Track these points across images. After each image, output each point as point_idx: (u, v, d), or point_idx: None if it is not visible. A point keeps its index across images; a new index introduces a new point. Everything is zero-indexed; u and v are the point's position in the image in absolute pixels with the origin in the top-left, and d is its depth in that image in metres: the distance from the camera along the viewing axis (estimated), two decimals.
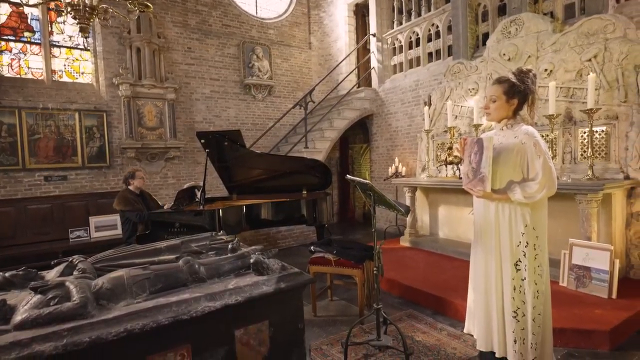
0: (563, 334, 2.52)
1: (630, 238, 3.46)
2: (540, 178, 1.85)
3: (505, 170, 1.97)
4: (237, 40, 7.08)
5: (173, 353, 1.77)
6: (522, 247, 1.93)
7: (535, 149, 1.88)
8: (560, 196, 3.63)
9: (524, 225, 1.93)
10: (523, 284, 1.94)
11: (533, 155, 1.89)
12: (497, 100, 2.00)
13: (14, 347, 1.43)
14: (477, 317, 2.11)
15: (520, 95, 1.99)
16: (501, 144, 1.99)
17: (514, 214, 1.95)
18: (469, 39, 5.29)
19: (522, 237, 1.93)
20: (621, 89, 3.54)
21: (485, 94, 2.09)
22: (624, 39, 3.58)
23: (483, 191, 1.97)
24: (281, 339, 2.10)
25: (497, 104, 2.00)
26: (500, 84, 2.01)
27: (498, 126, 2.09)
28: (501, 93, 1.99)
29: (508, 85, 1.98)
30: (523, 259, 1.93)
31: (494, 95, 2.01)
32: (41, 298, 1.67)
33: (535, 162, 1.88)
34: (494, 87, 2.02)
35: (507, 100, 1.99)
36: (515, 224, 1.95)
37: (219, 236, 2.76)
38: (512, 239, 1.96)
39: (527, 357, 1.93)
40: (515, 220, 1.95)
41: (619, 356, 2.38)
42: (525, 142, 1.91)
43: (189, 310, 1.78)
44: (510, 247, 1.96)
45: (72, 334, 1.53)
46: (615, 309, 2.75)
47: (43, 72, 5.47)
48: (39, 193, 5.28)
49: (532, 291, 1.92)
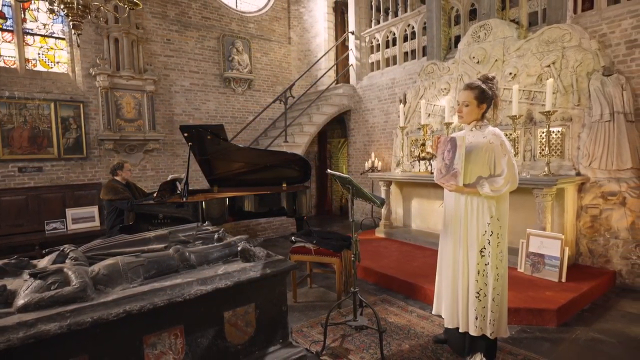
0: (517, 313, 2.83)
1: (579, 229, 3.85)
2: (505, 174, 2.06)
3: (475, 167, 2.17)
4: (217, 33, 7.09)
5: (167, 333, 1.93)
6: (488, 236, 2.15)
7: (502, 148, 2.10)
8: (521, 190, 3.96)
9: (490, 216, 2.14)
10: (486, 269, 2.16)
11: (499, 153, 2.10)
12: (469, 105, 2.19)
13: (21, 327, 1.55)
14: (445, 298, 2.36)
15: (488, 100, 2.20)
16: (471, 144, 2.18)
17: (481, 206, 2.16)
18: (442, 41, 5.56)
19: (487, 227, 2.15)
20: (575, 94, 3.89)
21: (457, 99, 2.26)
22: (579, 47, 3.93)
23: (455, 185, 2.16)
24: (266, 321, 2.29)
25: (469, 109, 2.19)
26: (472, 90, 2.18)
27: (468, 127, 2.28)
28: (472, 98, 2.17)
29: (479, 91, 2.17)
30: (487, 246, 2.15)
31: (466, 101, 2.19)
32: (41, 283, 1.79)
33: (502, 159, 2.09)
34: (466, 93, 2.20)
35: (477, 105, 2.18)
36: (482, 215, 2.16)
37: (205, 227, 2.91)
38: (479, 229, 2.17)
39: (486, 331, 2.19)
40: (483, 212, 2.16)
41: (564, 331, 2.71)
42: (493, 142, 2.11)
43: (183, 293, 1.93)
44: (477, 235, 2.17)
45: (74, 315, 1.66)
46: (563, 291, 3.09)
47: (16, 60, 5.33)
48: (13, 184, 5.17)
49: (494, 274, 2.15)
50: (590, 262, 3.77)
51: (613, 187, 3.62)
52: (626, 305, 3.14)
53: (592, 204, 3.75)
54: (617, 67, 3.82)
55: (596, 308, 3.09)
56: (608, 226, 3.65)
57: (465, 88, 2.22)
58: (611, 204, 3.63)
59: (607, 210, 3.66)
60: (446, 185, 2.24)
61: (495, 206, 2.15)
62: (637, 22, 3.70)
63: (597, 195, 3.72)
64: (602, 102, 3.69)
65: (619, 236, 3.58)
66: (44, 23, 5.57)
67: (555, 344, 2.53)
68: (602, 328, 2.74)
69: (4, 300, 1.72)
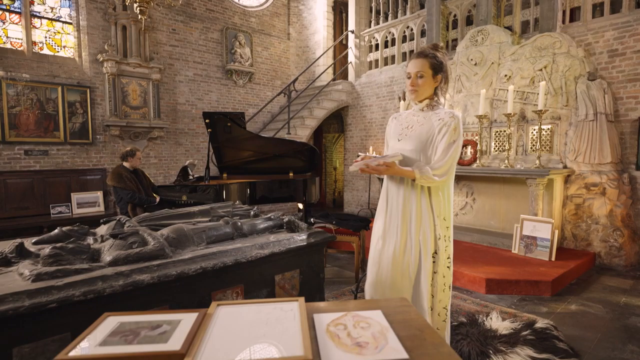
0: (517, 285, 3.22)
1: (565, 215, 4.31)
2: (445, 160, 1.73)
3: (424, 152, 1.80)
4: (220, 26, 7.21)
5: (231, 290, 2.16)
6: (437, 239, 1.81)
7: (455, 133, 1.74)
8: (514, 181, 4.41)
9: (439, 216, 1.80)
10: (435, 277, 1.81)
11: (450, 138, 1.74)
12: (424, 75, 1.75)
13: (119, 276, 1.75)
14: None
15: (443, 73, 1.80)
16: (422, 126, 1.80)
17: (428, 202, 1.80)
18: (440, 43, 5.95)
19: (438, 228, 1.80)
20: (564, 95, 4.35)
21: (408, 70, 1.80)
22: (568, 54, 4.39)
23: (385, 163, 1.73)
24: (308, 285, 2.55)
25: (424, 81, 1.76)
26: (426, 58, 1.76)
27: (417, 107, 1.86)
28: (428, 68, 1.75)
29: (434, 59, 1.76)
30: (438, 251, 1.81)
31: (420, 71, 1.75)
32: (123, 242, 1.99)
33: (449, 145, 1.74)
34: (420, 62, 1.76)
35: (433, 76, 1.77)
36: (432, 213, 1.80)
37: (238, 205, 3.13)
38: (429, 229, 1.80)
39: None
40: (431, 209, 1.80)
41: (557, 299, 3.11)
42: (448, 123, 1.75)
43: (245, 255, 2.17)
44: (426, 237, 1.80)
45: (161, 268, 1.88)
46: (554, 267, 3.51)
47: (23, 42, 5.30)
48: (19, 167, 5.16)
49: (440, 284, 1.81)
50: (573, 245, 4.24)
51: (595, 179, 4.09)
52: (606, 280, 3.60)
53: (577, 194, 4.22)
54: (600, 73, 4.31)
55: (581, 282, 3.53)
56: (590, 213, 4.12)
57: (417, 56, 1.78)
58: (593, 193, 4.10)
59: (589, 199, 4.13)
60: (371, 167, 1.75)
61: (442, 204, 1.81)
62: (618, 34, 4.19)
63: (581, 186, 4.19)
64: (587, 103, 4.16)
65: (599, 222, 4.06)
66: (51, 6, 5.55)
67: (552, 308, 2.93)
68: (588, 297, 3.16)
69: (91, 257, 1.91)
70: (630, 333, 2.51)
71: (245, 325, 1.08)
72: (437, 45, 1.85)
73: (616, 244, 3.93)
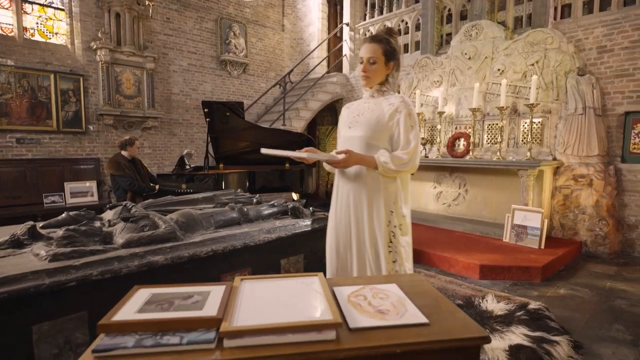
0: (510, 270, 3.35)
1: (553, 206, 4.47)
2: (410, 148, 1.66)
3: (377, 144, 1.71)
4: (214, 15, 7.16)
5: (239, 273, 2.21)
6: (392, 227, 1.72)
7: (410, 119, 1.68)
8: (505, 172, 4.54)
9: (395, 203, 1.72)
10: (394, 266, 1.74)
11: (407, 124, 1.67)
12: (376, 62, 1.69)
13: (134, 257, 1.80)
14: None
15: (395, 60, 1.74)
16: (372, 112, 1.73)
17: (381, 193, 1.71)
18: (435, 37, 6.04)
19: (392, 216, 1.71)
20: (554, 90, 4.49)
21: (361, 55, 1.73)
22: (559, 50, 4.52)
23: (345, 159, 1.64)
24: (311, 270, 2.62)
25: (377, 67, 1.70)
26: (380, 43, 1.70)
27: (367, 93, 1.81)
28: (381, 54, 1.69)
29: (387, 45, 1.71)
30: (393, 239, 1.72)
31: (373, 57, 1.69)
32: (134, 225, 2.02)
33: (408, 132, 1.68)
34: (373, 47, 1.70)
35: (385, 63, 1.71)
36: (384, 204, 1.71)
37: (240, 193, 3.18)
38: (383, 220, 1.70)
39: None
40: (385, 199, 1.71)
41: (547, 284, 3.26)
42: (401, 111, 1.67)
43: (254, 239, 2.23)
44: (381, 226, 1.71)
45: (173, 250, 1.93)
46: (544, 254, 3.66)
47: (14, 28, 5.18)
48: (10, 155, 5.08)
49: (401, 272, 1.73)
50: (561, 234, 4.40)
51: (583, 171, 4.25)
52: (592, 267, 3.77)
53: (565, 185, 4.37)
54: (589, 68, 4.45)
55: (569, 269, 3.69)
56: (577, 204, 4.29)
57: (370, 41, 1.72)
58: (580, 184, 4.26)
59: (577, 190, 4.29)
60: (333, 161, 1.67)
61: (397, 192, 1.72)
62: (607, 30, 4.34)
63: (569, 177, 4.35)
64: (576, 98, 4.30)
65: (585, 212, 4.23)
66: None
67: (542, 292, 3.06)
68: (576, 282, 3.32)
69: (103, 239, 1.94)
70: (616, 314, 2.66)
71: (272, 295, 1.15)
72: (391, 30, 1.79)
73: (601, 233, 4.11)
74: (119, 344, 0.87)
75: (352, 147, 1.71)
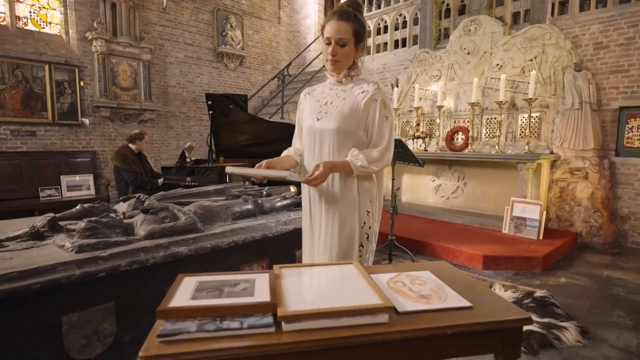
0: (512, 261, 3.45)
1: (550, 198, 4.59)
2: (384, 143, 1.50)
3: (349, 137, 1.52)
4: (211, 7, 7.06)
5: (257, 264, 2.25)
6: (366, 229, 1.59)
7: (385, 108, 1.50)
8: (504, 165, 4.64)
9: (371, 202, 1.58)
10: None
11: (381, 114, 1.49)
12: (347, 44, 1.45)
13: (159, 248, 1.81)
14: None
15: (364, 39, 1.54)
16: (344, 100, 1.52)
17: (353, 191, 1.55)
18: (433, 32, 6.09)
19: (367, 217, 1.58)
20: (552, 85, 4.59)
21: (328, 35, 1.46)
22: (557, 45, 4.61)
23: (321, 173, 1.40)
24: None
25: (348, 49, 1.47)
26: (350, 23, 1.45)
27: (334, 79, 1.57)
28: (351, 35, 1.45)
29: (358, 25, 1.47)
30: (365, 242, 1.60)
31: (343, 38, 1.44)
32: (155, 217, 2.02)
33: (382, 123, 1.50)
34: (343, 26, 1.44)
35: (355, 44, 1.49)
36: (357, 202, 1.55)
37: (249, 186, 3.19)
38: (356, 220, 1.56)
39: None
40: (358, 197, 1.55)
41: (548, 273, 3.37)
42: (376, 99, 1.48)
43: (272, 230, 2.26)
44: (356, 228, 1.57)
45: (196, 242, 1.94)
46: (543, 245, 3.77)
47: (7, 17, 5.04)
48: (5, 148, 4.97)
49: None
50: (557, 226, 4.53)
51: (579, 164, 4.38)
52: (588, 257, 3.90)
53: (562, 178, 4.50)
54: (585, 64, 4.56)
55: (566, 259, 3.81)
56: (573, 196, 4.42)
57: (339, 18, 1.45)
58: (576, 177, 4.39)
59: (573, 183, 4.42)
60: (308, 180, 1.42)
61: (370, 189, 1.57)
62: (603, 27, 4.44)
63: (565, 170, 4.47)
64: (573, 93, 4.41)
65: (581, 204, 4.36)
66: None
67: (544, 281, 3.17)
68: (575, 271, 3.44)
69: (124, 231, 1.93)
70: (616, 301, 2.77)
71: (315, 282, 1.18)
72: (359, 4, 1.54)
73: (596, 225, 4.25)
74: (182, 329, 0.89)
75: (322, 140, 1.54)
